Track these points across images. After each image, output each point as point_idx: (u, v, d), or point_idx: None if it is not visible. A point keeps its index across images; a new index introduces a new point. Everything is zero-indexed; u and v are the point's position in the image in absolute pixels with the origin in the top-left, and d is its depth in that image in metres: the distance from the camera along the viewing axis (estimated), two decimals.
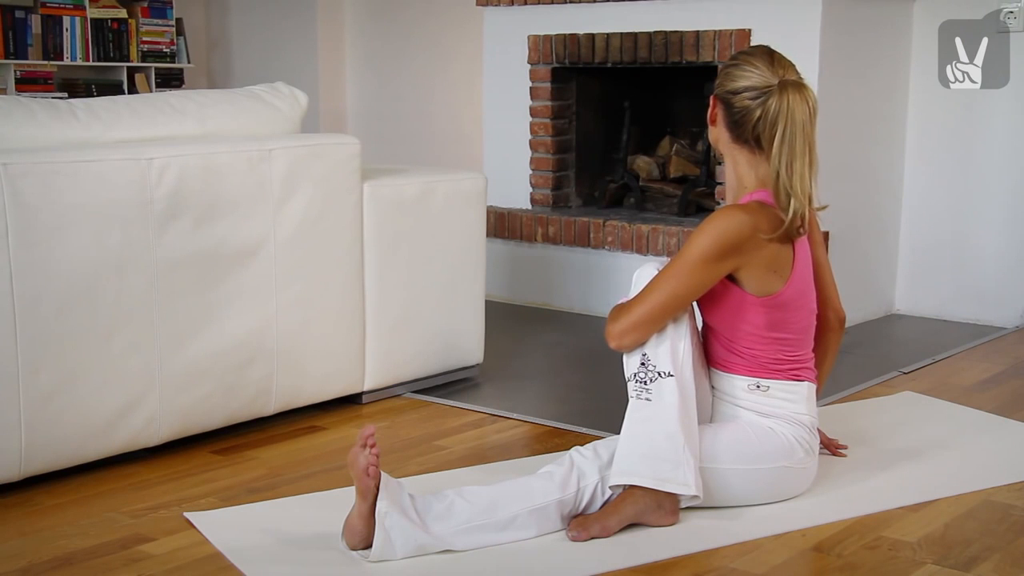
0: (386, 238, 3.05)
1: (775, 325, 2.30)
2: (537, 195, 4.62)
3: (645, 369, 2.23)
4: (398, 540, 2.03)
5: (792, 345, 2.34)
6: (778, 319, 2.30)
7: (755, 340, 2.31)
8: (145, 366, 2.56)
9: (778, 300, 2.29)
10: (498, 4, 4.59)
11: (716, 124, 2.37)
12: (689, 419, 2.21)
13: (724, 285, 2.29)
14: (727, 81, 2.31)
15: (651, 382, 2.22)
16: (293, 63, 5.95)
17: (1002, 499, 2.40)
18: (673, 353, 2.23)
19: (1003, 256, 4.19)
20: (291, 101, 3.02)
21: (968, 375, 3.46)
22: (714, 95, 2.35)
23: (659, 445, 2.17)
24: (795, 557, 2.12)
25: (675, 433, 2.18)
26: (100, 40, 5.86)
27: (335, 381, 2.99)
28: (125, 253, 2.50)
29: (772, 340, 2.31)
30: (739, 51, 2.41)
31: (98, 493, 2.43)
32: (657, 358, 2.23)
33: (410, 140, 5.73)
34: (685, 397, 2.22)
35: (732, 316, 2.31)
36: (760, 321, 2.29)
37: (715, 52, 4.00)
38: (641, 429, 2.19)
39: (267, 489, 2.46)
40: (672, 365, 2.22)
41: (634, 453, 2.18)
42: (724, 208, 2.30)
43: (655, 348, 2.24)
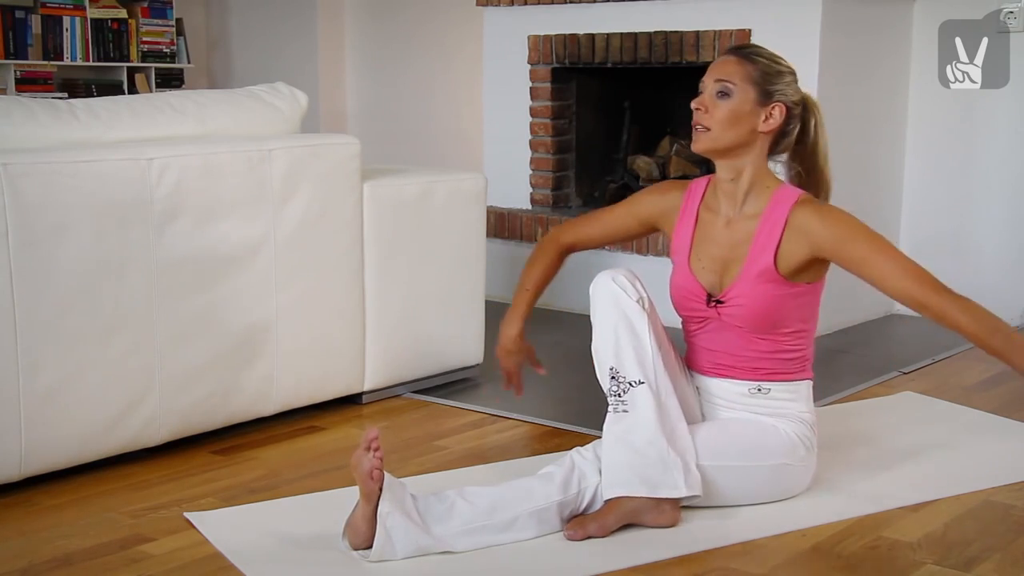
0: (386, 238, 3.05)
1: (815, 315, 2.40)
2: (537, 195, 4.62)
3: (616, 382, 2.24)
4: (399, 541, 2.03)
5: (811, 337, 2.41)
6: (816, 307, 2.40)
7: (808, 336, 2.38)
8: (145, 366, 2.56)
9: (822, 285, 2.38)
10: (498, 4, 4.59)
11: (768, 126, 2.29)
12: (670, 420, 2.22)
13: (812, 284, 2.34)
14: (789, 91, 2.30)
15: (624, 393, 2.22)
16: (293, 63, 5.95)
17: (1002, 499, 2.40)
18: (640, 360, 2.23)
19: (1003, 255, 4.19)
20: (291, 101, 3.02)
21: (968, 375, 3.46)
22: (781, 103, 2.28)
23: (643, 452, 2.18)
24: (795, 557, 2.12)
25: (656, 438, 2.18)
26: (100, 40, 5.86)
27: (335, 381, 2.99)
28: (125, 253, 2.50)
29: (810, 332, 2.40)
30: (761, 48, 2.35)
31: (98, 493, 2.43)
32: (625, 369, 2.23)
33: (410, 140, 5.73)
34: (661, 400, 2.22)
35: (812, 312, 2.36)
36: (815, 314, 2.38)
37: (715, 52, 4.00)
38: (623, 440, 2.20)
39: (267, 489, 2.46)
40: (641, 372, 2.22)
41: (621, 465, 2.18)
42: (831, 206, 2.36)
43: (620, 360, 2.24)
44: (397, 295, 3.09)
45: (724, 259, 2.33)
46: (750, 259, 2.29)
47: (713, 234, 2.35)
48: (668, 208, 2.44)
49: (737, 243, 2.32)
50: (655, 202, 2.47)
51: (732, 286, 2.31)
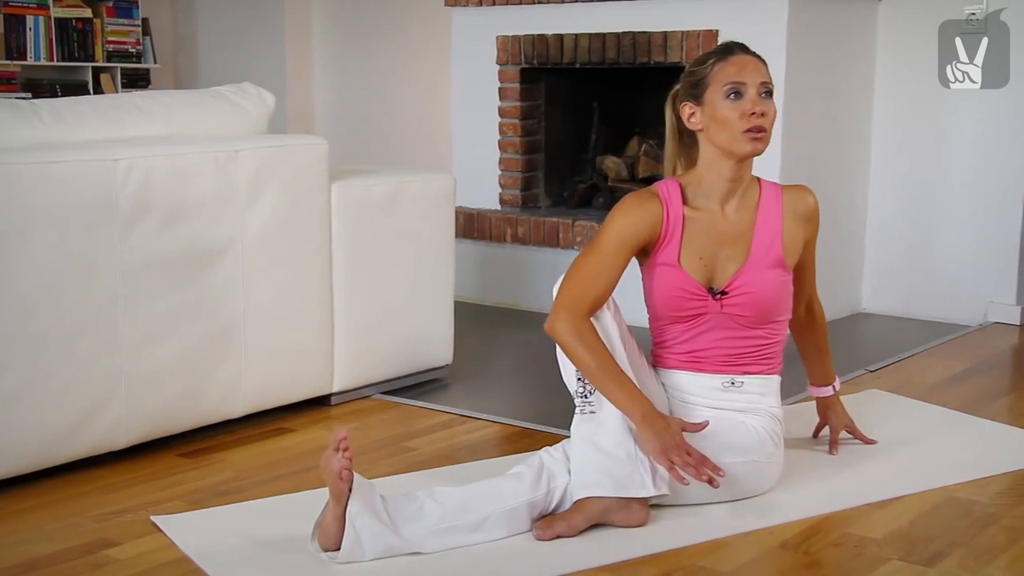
0: (355, 239, 3.04)
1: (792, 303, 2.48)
2: (506, 195, 4.62)
3: (583, 383, 2.24)
4: (368, 542, 2.03)
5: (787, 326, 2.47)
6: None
7: (786, 325, 2.44)
8: (111, 368, 2.54)
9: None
10: (466, 4, 4.59)
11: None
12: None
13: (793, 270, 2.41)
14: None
15: (591, 394, 2.23)
16: (260, 63, 5.92)
17: (966, 495, 2.42)
18: None
19: (966, 255, 4.23)
20: (258, 101, 3.01)
21: (933, 373, 3.49)
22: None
23: (611, 453, 2.19)
24: (763, 555, 2.13)
25: (624, 438, 2.19)
26: (64, 40, 5.81)
27: (304, 383, 2.98)
28: (90, 255, 2.48)
29: (788, 322, 2.47)
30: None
31: (63, 497, 2.41)
32: None
33: (379, 141, 5.71)
34: None
35: (792, 299, 2.42)
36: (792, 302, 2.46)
37: (683, 53, 4.02)
38: (590, 441, 2.21)
39: (235, 492, 2.45)
40: None
41: (589, 465, 2.19)
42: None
43: None
44: (366, 296, 3.09)
45: (720, 253, 2.35)
46: (756, 247, 2.34)
47: (705, 230, 2.35)
48: (652, 223, 2.33)
49: (738, 235, 2.35)
50: (640, 225, 2.32)
51: (737, 276, 2.33)
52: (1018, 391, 3.34)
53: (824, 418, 2.72)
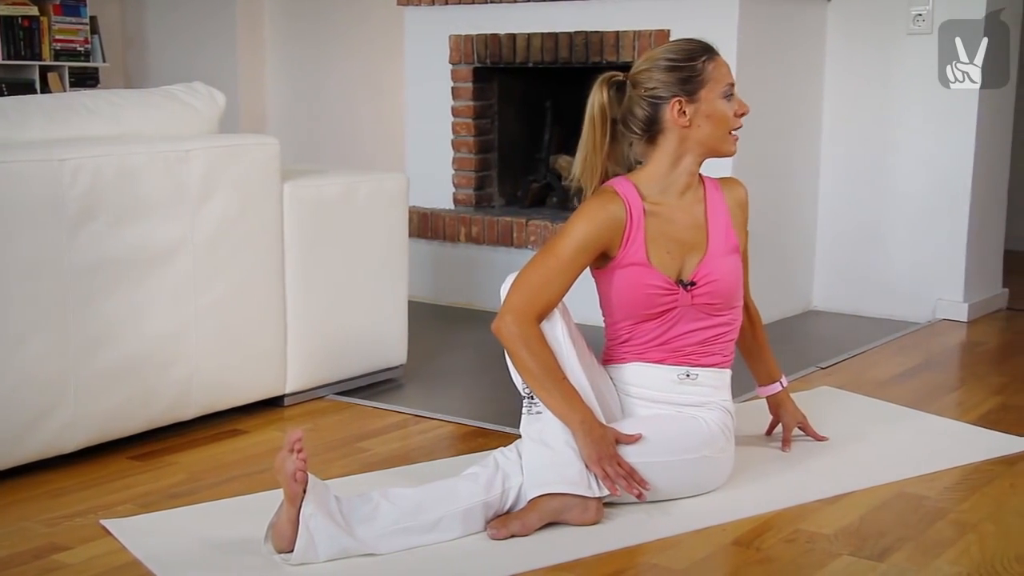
0: (307, 239, 3.02)
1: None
2: (460, 195, 4.62)
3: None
4: (321, 543, 2.02)
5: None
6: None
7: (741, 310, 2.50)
8: (60, 371, 2.51)
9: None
10: (419, 4, 4.58)
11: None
12: None
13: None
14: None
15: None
16: (211, 62, 5.86)
17: (915, 490, 2.46)
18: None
19: (915, 253, 4.30)
20: (208, 101, 2.98)
21: (883, 369, 3.54)
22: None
23: (560, 451, 2.20)
24: (716, 551, 2.15)
25: (570, 436, 2.21)
26: (10, 38, 5.72)
27: (256, 384, 2.96)
28: (37, 256, 2.44)
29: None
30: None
31: (11, 502, 2.38)
32: None
33: (331, 140, 5.68)
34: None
35: (742, 284, 2.47)
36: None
37: (635, 52, 4.04)
38: (539, 441, 2.22)
39: (187, 494, 2.43)
40: None
41: (540, 465, 2.20)
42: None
43: None
44: (319, 296, 3.07)
45: (685, 244, 2.37)
46: (712, 236, 2.39)
47: (667, 224, 2.36)
48: (616, 225, 2.31)
49: (694, 226, 2.39)
50: (603, 228, 2.30)
51: (701, 265, 2.36)
52: (966, 387, 3.39)
53: (776, 416, 2.74)
